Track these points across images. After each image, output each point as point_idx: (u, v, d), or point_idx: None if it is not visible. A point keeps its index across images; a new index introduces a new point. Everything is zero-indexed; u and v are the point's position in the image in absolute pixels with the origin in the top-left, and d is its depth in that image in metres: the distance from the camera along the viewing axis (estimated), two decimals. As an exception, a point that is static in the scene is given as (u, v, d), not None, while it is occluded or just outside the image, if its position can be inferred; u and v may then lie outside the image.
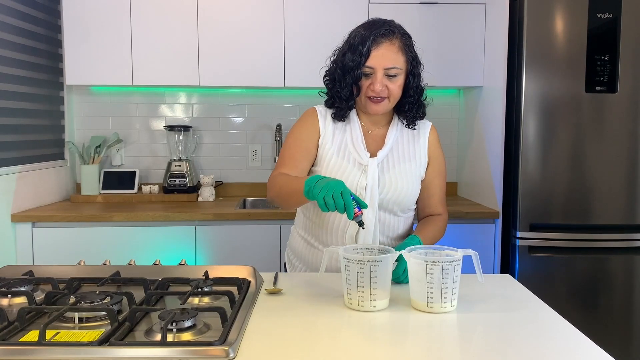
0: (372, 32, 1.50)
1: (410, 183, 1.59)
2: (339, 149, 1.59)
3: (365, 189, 1.54)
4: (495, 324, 1.17)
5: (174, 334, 1.04)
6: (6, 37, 2.49)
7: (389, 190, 1.56)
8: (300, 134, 1.62)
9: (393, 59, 1.50)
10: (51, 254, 2.51)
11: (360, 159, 1.56)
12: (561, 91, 2.44)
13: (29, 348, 0.97)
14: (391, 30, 1.52)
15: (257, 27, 2.79)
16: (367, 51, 1.49)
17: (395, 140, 1.62)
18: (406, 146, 1.63)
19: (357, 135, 1.59)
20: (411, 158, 1.61)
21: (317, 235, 1.64)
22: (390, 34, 1.51)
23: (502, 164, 2.59)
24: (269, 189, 1.56)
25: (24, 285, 1.30)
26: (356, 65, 1.50)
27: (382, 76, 1.50)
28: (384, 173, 1.57)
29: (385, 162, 1.58)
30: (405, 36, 1.54)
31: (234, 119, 3.19)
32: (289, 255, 1.77)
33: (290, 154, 1.59)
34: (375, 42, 1.49)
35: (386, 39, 1.50)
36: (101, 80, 2.80)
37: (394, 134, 1.61)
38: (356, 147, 1.58)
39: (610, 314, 2.49)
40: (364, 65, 1.50)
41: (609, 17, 2.41)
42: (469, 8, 2.81)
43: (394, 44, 1.51)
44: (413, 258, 1.24)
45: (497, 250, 2.63)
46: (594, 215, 2.48)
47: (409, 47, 1.54)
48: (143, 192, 2.99)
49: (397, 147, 1.61)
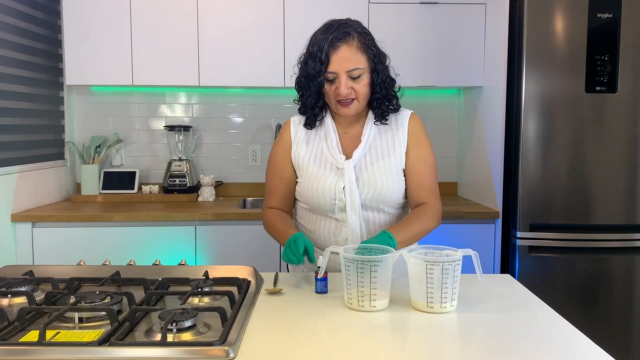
0: (328, 37, 1.49)
1: (390, 178, 1.57)
2: (315, 155, 1.60)
3: (343, 192, 1.55)
4: (495, 324, 1.17)
5: (174, 334, 1.04)
6: (6, 37, 2.49)
7: (368, 189, 1.55)
8: (275, 157, 1.69)
9: (353, 60, 1.49)
10: (51, 254, 2.51)
11: (336, 163, 1.57)
12: (561, 91, 2.44)
13: (29, 348, 0.97)
14: (346, 32, 1.51)
15: (257, 27, 2.79)
16: (326, 57, 1.48)
17: (373, 137, 1.61)
18: (384, 141, 1.61)
19: (331, 139, 1.60)
20: (390, 152, 1.60)
21: (312, 239, 1.64)
22: (346, 36, 1.50)
23: (502, 164, 2.59)
24: (263, 223, 1.68)
25: (24, 285, 1.30)
26: (317, 72, 1.50)
27: (345, 79, 1.50)
28: (361, 172, 1.57)
29: (362, 162, 1.58)
30: (363, 34, 1.53)
31: (234, 119, 3.19)
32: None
33: (271, 185, 1.69)
34: (333, 46, 1.49)
35: (343, 42, 1.49)
36: (101, 80, 2.80)
37: (369, 131, 1.61)
38: (331, 151, 1.58)
39: (610, 314, 2.49)
40: (325, 72, 1.50)
41: (609, 17, 2.41)
42: (469, 8, 2.81)
43: (352, 45, 1.50)
44: (413, 258, 1.24)
45: (497, 250, 2.63)
46: (594, 215, 2.48)
47: (368, 45, 1.53)
48: (143, 192, 2.99)
49: (374, 144, 1.60)
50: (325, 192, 1.56)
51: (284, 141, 1.67)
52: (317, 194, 1.57)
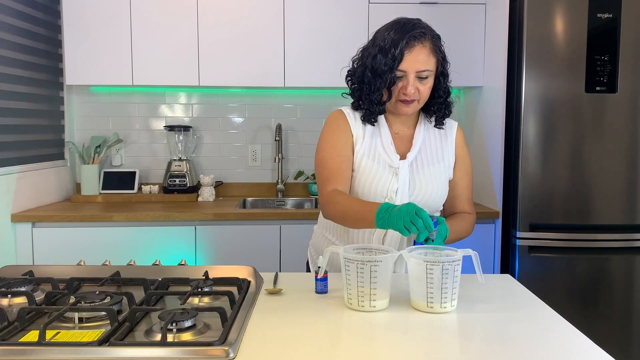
0: (405, 35, 1.47)
1: (439, 184, 1.58)
2: (370, 152, 1.56)
3: (396, 192, 1.53)
4: (495, 324, 1.17)
5: (174, 334, 1.04)
6: (6, 37, 2.49)
7: (419, 193, 1.54)
8: (338, 141, 1.57)
9: (425, 62, 1.48)
10: (51, 254, 2.51)
11: (390, 162, 1.55)
12: (561, 91, 2.44)
13: (29, 348, 0.97)
14: (423, 32, 1.50)
15: (257, 27, 2.79)
16: (400, 54, 1.46)
17: (423, 141, 1.60)
18: (434, 147, 1.61)
19: (386, 137, 1.57)
20: (440, 159, 1.60)
21: (343, 237, 1.62)
22: (421, 37, 1.49)
23: (502, 164, 2.59)
24: (327, 205, 1.51)
25: (24, 285, 1.30)
26: (389, 68, 1.47)
27: (414, 79, 1.49)
28: (413, 175, 1.55)
29: (414, 164, 1.57)
30: (435, 37, 1.53)
31: (234, 119, 3.19)
32: (313, 254, 1.76)
33: (336, 166, 1.54)
34: (408, 45, 1.47)
35: (418, 42, 1.48)
36: (101, 80, 2.80)
37: (422, 134, 1.61)
38: (386, 149, 1.56)
39: (610, 314, 2.49)
40: (396, 69, 1.48)
41: (609, 17, 2.41)
42: (469, 8, 2.81)
43: (426, 47, 1.49)
44: (413, 258, 1.24)
45: (497, 250, 2.63)
46: (594, 215, 2.48)
47: (439, 48, 1.53)
48: (143, 192, 2.99)
49: (425, 148, 1.60)
50: (379, 189, 1.53)
51: (346, 131, 1.57)
52: (370, 190, 1.54)
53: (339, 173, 1.54)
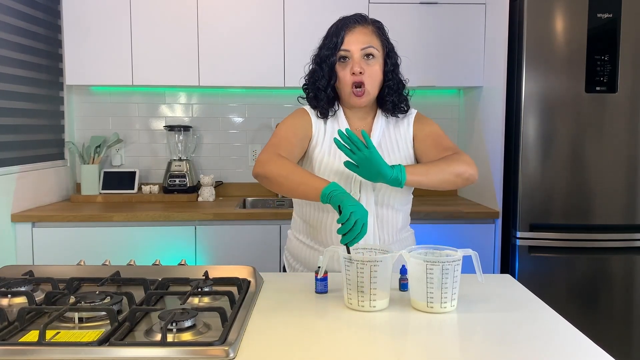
0: (344, 21, 1.56)
1: None
2: (330, 148, 1.59)
3: (359, 187, 1.54)
4: (495, 324, 1.17)
5: (174, 334, 1.04)
6: (6, 37, 2.49)
7: (382, 185, 1.55)
8: (295, 124, 1.60)
9: (368, 40, 1.54)
10: (51, 254, 2.51)
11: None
12: (561, 91, 2.44)
13: (29, 348, 0.97)
14: (363, 17, 1.58)
15: (257, 27, 2.79)
16: (341, 37, 1.53)
17: (382, 132, 1.62)
18: (393, 138, 1.62)
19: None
20: (400, 147, 1.61)
21: (315, 237, 1.64)
22: (362, 20, 1.57)
23: (502, 164, 2.59)
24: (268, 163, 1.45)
25: (24, 285, 1.30)
26: (331, 52, 1.54)
27: (359, 58, 1.53)
28: None
29: None
30: (377, 23, 1.59)
31: (234, 119, 3.19)
32: (288, 258, 1.77)
33: (286, 136, 1.55)
34: (348, 27, 1.54)
35: (359, 24, 1.56)
36: (101, 80, 2.80)
37: (380, 126, 1.62)
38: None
39: (610, 314, 2.49)
40: (340, 49, 1.53)
41: (609, 17, 2.41)
42: (469, 8, 2.81)
43: (367, 28, 1.56)
44: (413, 258, 1.24)
45: (497, 250, 2.63)
46: (594, 215, 2.48)
47: (382, 32, 1.58)
48: (143, 192, 2.99)
49: (384, 139, 1.61)
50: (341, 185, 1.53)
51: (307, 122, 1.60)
52: None
53: (287, 142, 1.54)
